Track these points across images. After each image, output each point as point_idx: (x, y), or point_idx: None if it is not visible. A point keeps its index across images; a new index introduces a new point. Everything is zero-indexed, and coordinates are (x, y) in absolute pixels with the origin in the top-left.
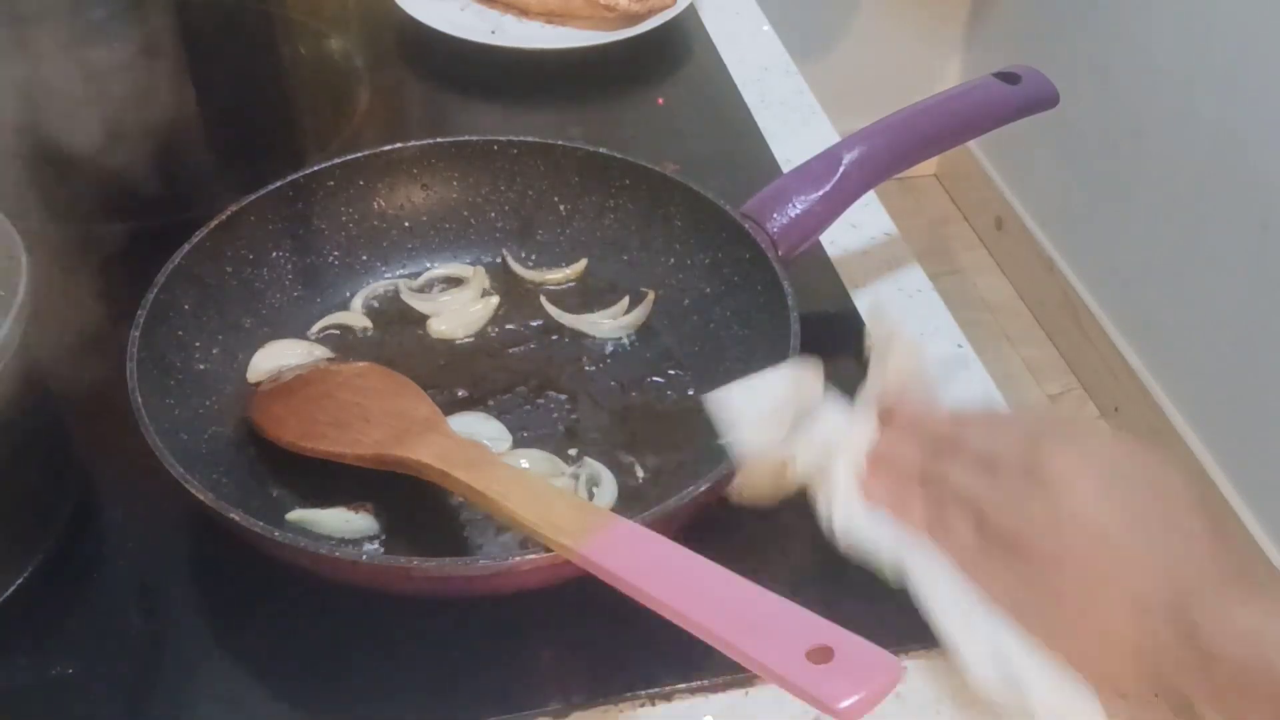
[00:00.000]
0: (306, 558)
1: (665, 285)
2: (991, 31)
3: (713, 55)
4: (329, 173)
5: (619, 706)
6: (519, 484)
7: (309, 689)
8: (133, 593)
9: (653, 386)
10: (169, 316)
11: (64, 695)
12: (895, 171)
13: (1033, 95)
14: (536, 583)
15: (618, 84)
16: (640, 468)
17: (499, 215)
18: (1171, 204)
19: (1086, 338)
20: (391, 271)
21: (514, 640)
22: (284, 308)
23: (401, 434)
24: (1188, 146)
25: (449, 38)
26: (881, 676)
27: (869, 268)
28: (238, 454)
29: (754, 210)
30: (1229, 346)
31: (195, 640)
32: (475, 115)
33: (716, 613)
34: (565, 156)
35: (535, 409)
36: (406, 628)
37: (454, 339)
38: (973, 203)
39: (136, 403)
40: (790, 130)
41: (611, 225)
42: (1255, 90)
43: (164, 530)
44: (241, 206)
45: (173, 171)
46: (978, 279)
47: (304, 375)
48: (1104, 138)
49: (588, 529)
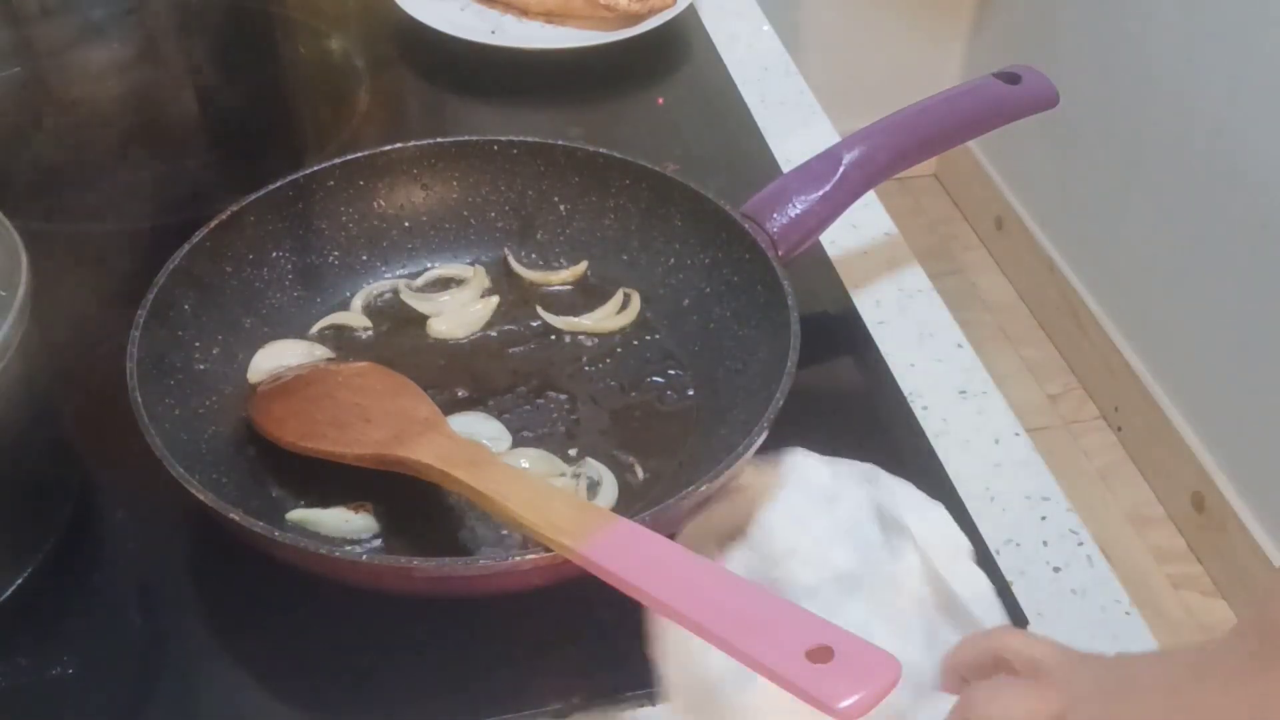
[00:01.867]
0: (306, 558)
1: (665, 285)
2: (991, 31)
3: (713, 55)
4: (329, 173)
5: (619, 706)
6: (519, 484)
7: (309, 689)
8: (133, 593)
9: (653, 386)
10: (169, 316)
11: (64, 695)
12: (895, 171)
13: (1033, 95)
14: (536, 583)
15: (618, 84)
16: (640, 468)
17: (499, 215)
18: (1171, 204)
19: (1086, 338)
20: (391, 271)
21: (514, 640)
22: (284, 308)
23: (401, 434)
24: (1188, 146)
25: (449, 38)
26: (881, 676)
27: (869, 268)
28: (238, 454)
29: (754, 210)
30: (1229, 346)
31: (195, 640)
32: (475, 115)
33: (716, 613)
34: (565, 156)
35: (535, 409)
36: (406, 628)
37: (454, 339)
38: (973, 203)
39: (136, 403)
40: (790, 130)
41: (611, 225)
42: (1255, 90)
43: (164, 530)
44: (241, 206)
45: (173, 171)
46: (978, 279)
47: (304, 375)
48: (1104, 138)
49: (588, 529)
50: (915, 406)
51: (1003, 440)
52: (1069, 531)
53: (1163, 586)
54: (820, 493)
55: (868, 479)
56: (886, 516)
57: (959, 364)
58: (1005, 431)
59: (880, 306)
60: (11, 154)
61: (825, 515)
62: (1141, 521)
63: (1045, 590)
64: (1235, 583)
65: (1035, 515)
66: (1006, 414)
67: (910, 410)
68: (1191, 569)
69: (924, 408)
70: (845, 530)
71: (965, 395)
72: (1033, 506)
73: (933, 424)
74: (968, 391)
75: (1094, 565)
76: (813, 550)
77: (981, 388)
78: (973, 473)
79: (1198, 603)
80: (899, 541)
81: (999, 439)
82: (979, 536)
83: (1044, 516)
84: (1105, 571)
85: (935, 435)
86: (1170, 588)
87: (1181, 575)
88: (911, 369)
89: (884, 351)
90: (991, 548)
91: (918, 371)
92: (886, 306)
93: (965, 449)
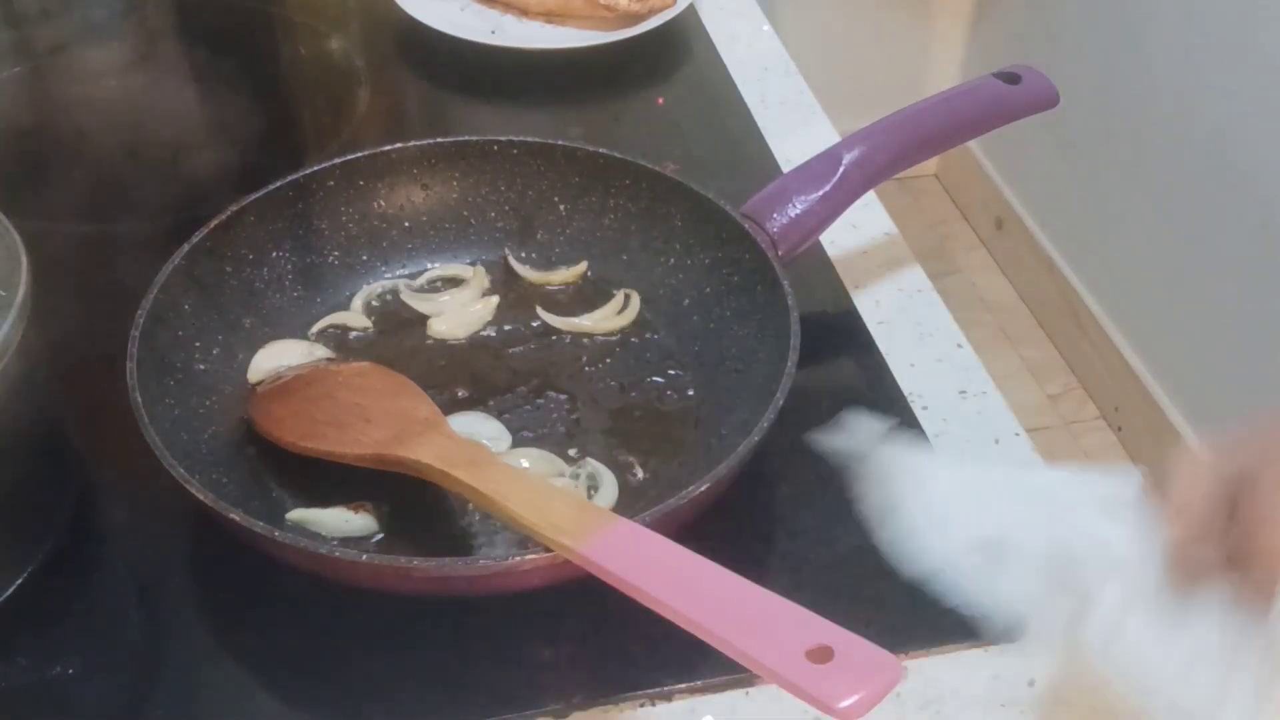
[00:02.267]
0: (306, 558)
1: (665, 285)
2: (991, 31)
3: (713, 55)
4: (329, 173)
5: (619, 706)
6: (519, 484)
7: (309, 689)
8: (133, 593)
9: (653, 386)
10: (169, 316)
11: (64, 695)
12: (895, 171)
13: (1033, 95)
14: (536, 583)
15: (618, 84)
16: (640, 468)
17: (499, 215)
18: (1171, 204)
19: (1086, 338)
20: (391, 271)
21: (514, 640)
22: (284, 308)
23: (401, 434)
24: (1188, 146)
25: (449, 38)
26: (881, 676)
27: (869, 268)
28: (238, 454)
29: (754, 210)
30: (1229, 346)
31: (195, 640)
32: (475, 115)
33: (716, 613)
34: (565, 156)
35: (535, 409)
36: (407, 628)
37: (454, 339)
38: (973, 203)
39: (136, 403)
40: (790, 130)
41: (611, 225)
42: (1255, 90)
43: (164, 530)
44: (241, 206)
45: (173, 171)
46: (978, 279)
47: (304, 375)
48: (1104, 138)
49: (587, 529)
50: (915, 406)
51: (1003, 440)
52: None
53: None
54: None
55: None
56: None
57: (959, 364)
58: (1005, 431)
59: (880, 306)
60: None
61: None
62: None
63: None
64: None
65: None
66: (1006, 414)
67: (910, 410)
68: None
69: (924, 408)
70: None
71: (965, 395)
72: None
73: (933, 424)
74: (968, 391)
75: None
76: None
77: (981, 388)
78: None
79: None
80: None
81: (999, 439)
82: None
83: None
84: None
85: (935, 435)
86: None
87: None
88: (911, 369)
89: (884, 351)
90: None
91: (918, 371)
92: (886, 306)
93: (965, 449)
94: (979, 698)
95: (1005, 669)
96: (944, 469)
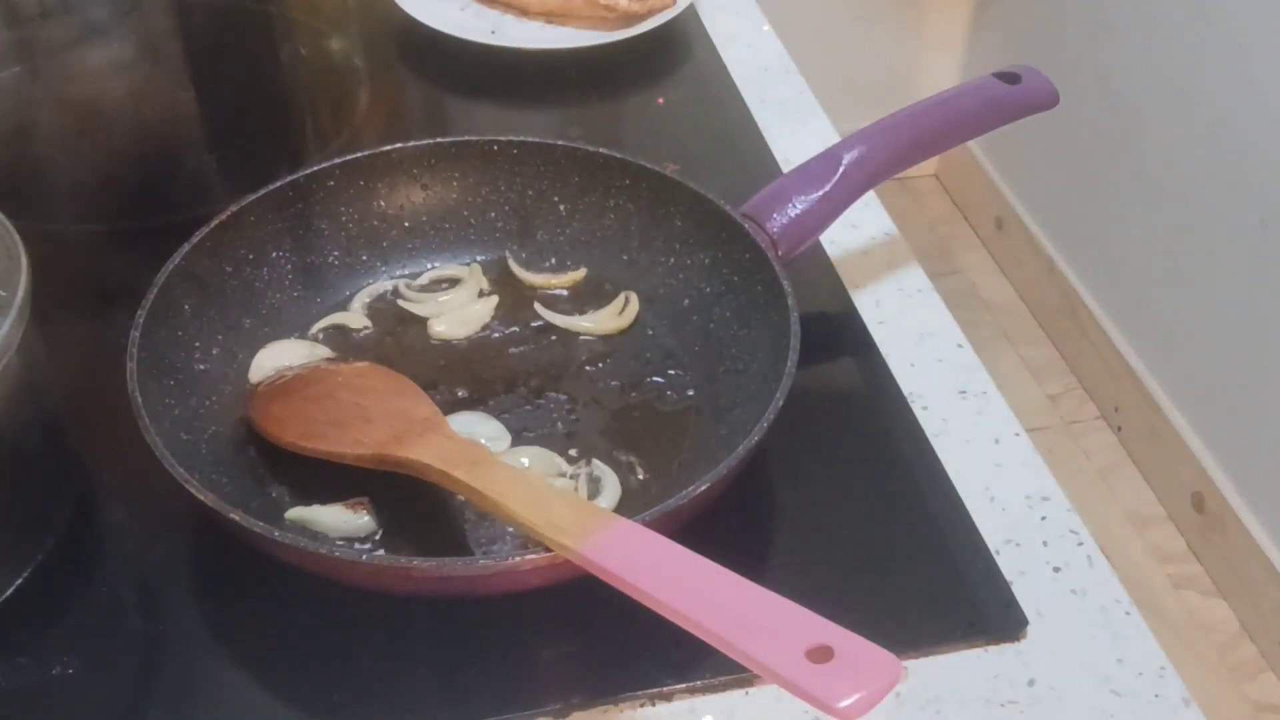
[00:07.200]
0: (306, 558)
1: (665, 285)
2: (991, 31)
3: (713, 55)
4: (329, 173)
5: (619, 706)
6: (519, 484)
7: (309, 689)
8: (133, 593)
9: (653, 386)
10: (169, 316)
11: (64, 695)
12: (895, 171)
13: (1033, 95)
14: (536, 583)
15: (618, 84)
16: (640, 468)
17: (499, 215)
18: (1171, 203)
19: (1086, 338)
20: (391, 271)
21: (514, 640)
22: (284, 308)
23: (401, 434)
24: (1187, 146)
25: (449, 38)
26: (881, 676)
27: (869, 268)
28: (238, 454)
29: (754, 210)
30: (1229, 346)
31: (195, 640)
32: (475, 115)
33: (716, 613)
34: (565, 156)
35: (535, 409)
36: (406, 628)
37: (454, 339)
38: (973, 203)
39: (136, 403)
40: (790, 130)
41: (611, 225)
42: (1255, 89)
43: (164, 530)
44: (241, 206)
45: (173, 171)
46: (978, 279)
47: (304, 375)
48: (1104, 138)
49: (587, 529)
50: (915, 406)
51: (1003, 440)
52: (1069, 532)
53: (1163, 586)
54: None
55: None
56: None
57: (959, 364)
58: (1005, 431)
59: (880, 306)
60: (11, 154)
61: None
62: (1141, 521)
63: (1045, 590)
64: (1235, 583)
65: (1035, 515)
66: (1006, 414)
67: (910, 410)
68: (1191, 569)
69: (924, 408)
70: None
71: (965, 395)
72: (1032, 507)
73: (933, 424)
74: (968, 391)
75: (1094, 565)
76: None
77: (981, 388)
78: (972, 473)
79: (1198, 603)
80: None
81: (999, 439)
82: (979, 537)
83: (1044, 517)
84: (1105, 572)
85: (935, 435)
86: (1170, 588)
87: (1181, 575)
88: (911, 369)
89: (884, 351)
90: (991, 548)
91: (918, 371)
92: (886, 306)
93: (965, 449)
94: (979, 698)
95: (1005, 669)
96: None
